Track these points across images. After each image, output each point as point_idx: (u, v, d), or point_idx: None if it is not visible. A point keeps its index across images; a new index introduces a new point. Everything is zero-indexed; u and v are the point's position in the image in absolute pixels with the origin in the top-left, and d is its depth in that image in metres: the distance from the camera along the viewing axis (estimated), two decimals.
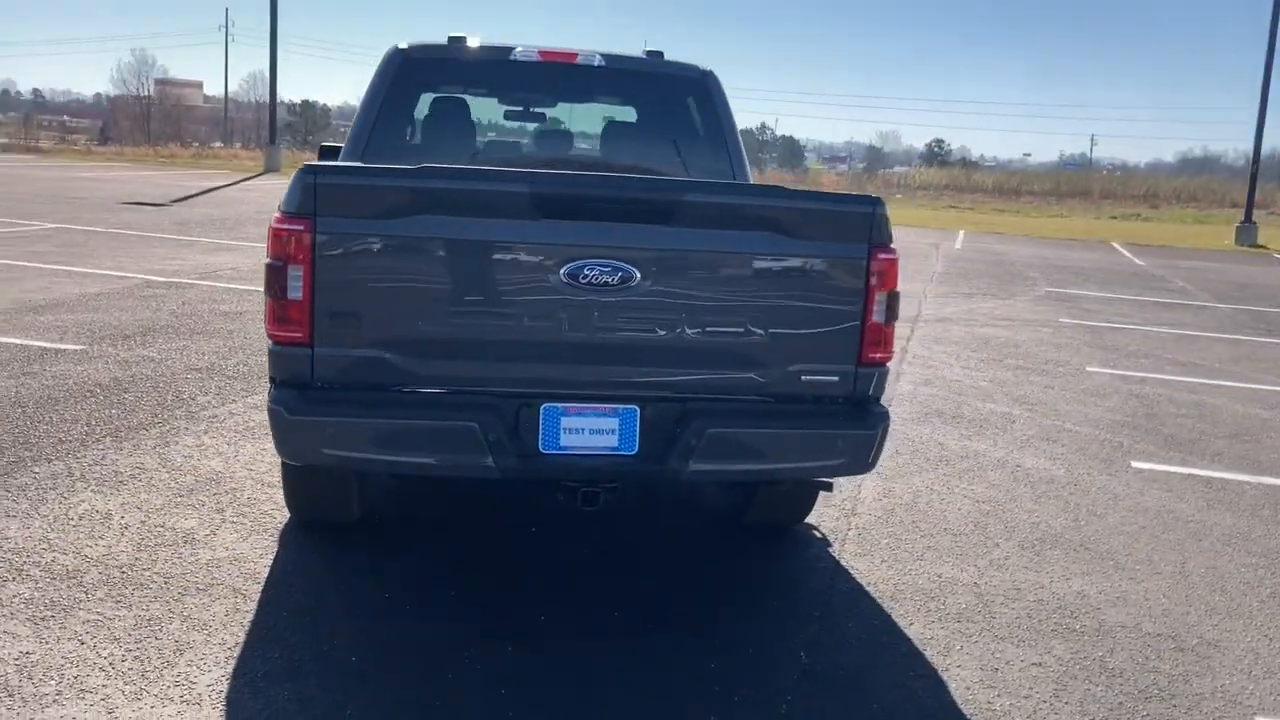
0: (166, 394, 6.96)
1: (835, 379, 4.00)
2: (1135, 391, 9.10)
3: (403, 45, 5.52)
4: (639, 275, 3.76)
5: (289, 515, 4.85)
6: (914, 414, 7.78)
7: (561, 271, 3.73)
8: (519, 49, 5.56)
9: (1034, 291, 16.11)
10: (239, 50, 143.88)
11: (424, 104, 5.63)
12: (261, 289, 3.91)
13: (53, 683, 3.42)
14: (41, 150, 48.64)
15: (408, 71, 5.50)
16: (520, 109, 6.06)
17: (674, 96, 5.78)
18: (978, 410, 8.02)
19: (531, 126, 6.03)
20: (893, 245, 3.98)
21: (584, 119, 6.07)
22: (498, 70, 5.70)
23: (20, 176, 28.68)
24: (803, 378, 3.97)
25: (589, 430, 3.92)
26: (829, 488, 4.73)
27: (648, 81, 5.80)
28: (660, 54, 5.80)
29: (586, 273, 3.73)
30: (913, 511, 5.61)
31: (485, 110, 5.90)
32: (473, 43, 5.63)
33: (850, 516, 5.44)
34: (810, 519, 5.23)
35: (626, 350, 3.88)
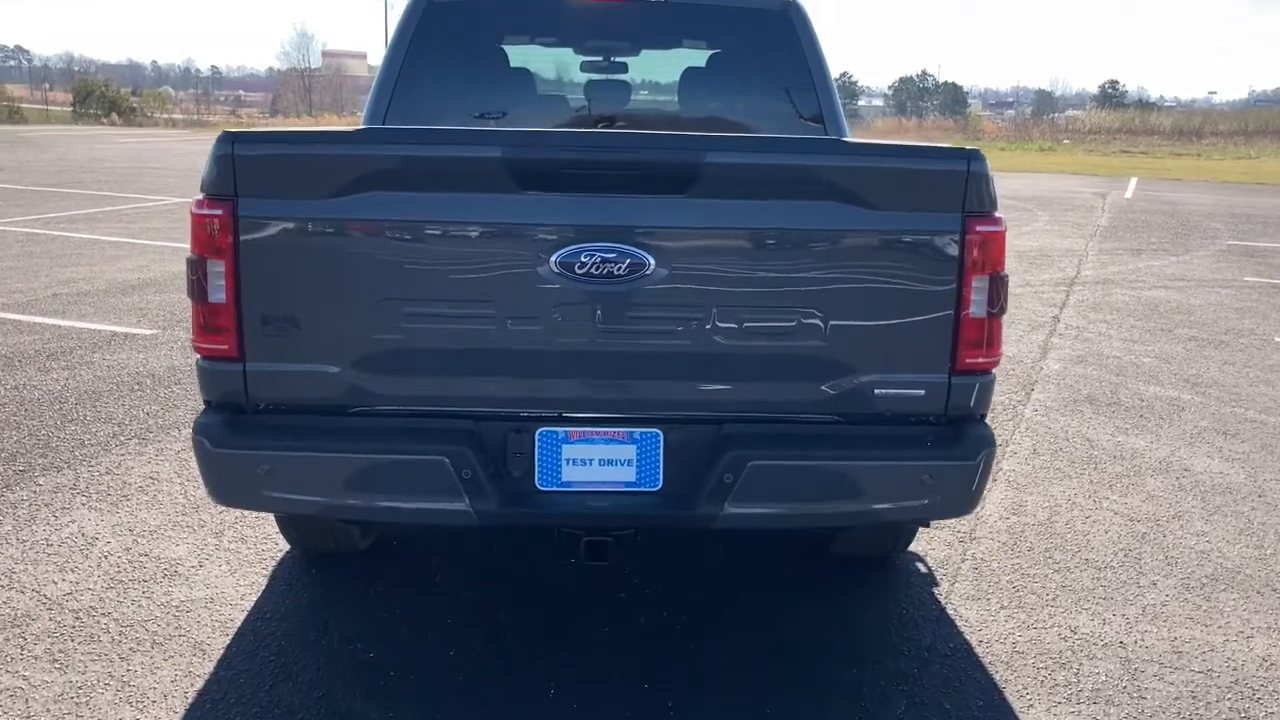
0: None
1: (921, 392, 3.03)
2: None
3: None
4: (654, 262, 2.88)
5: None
6: (1061, 401, 6.63)
7: (553, 260, 2.88)
8: None
9: (1214, 245, 14.37)
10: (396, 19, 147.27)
11: (453, 56, 4.81)
12: None
13: None
14: (206, 125, 50.26)
15: (434, 18, 4.70)
16: (568, 56, 5.18)
17: (750, 34, 4.81)
18: (1139, 395, 6.80)
19: (582, 77, 5.14)
20: (997, 214, 2.97)
21: (644, 65, 5.15)
22: (538, 12, 4.85)
23: (167, 150, 29.38)
24: (877, 391, 3.02)
25: (598, 460, 3.07)
26: (926, 523, 3.77)
27: (718, 17, 4.84)
28: None
29: (584, 260, 2.87)
30: (1047, 534, 4.56)
31: (528, 60, 5.04)
32: None
33: (966, 542, 4.43)
34: (916, 545, 4.26)
35: (642, 359, 3.00)
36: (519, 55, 4.97)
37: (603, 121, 4.85)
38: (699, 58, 4.98)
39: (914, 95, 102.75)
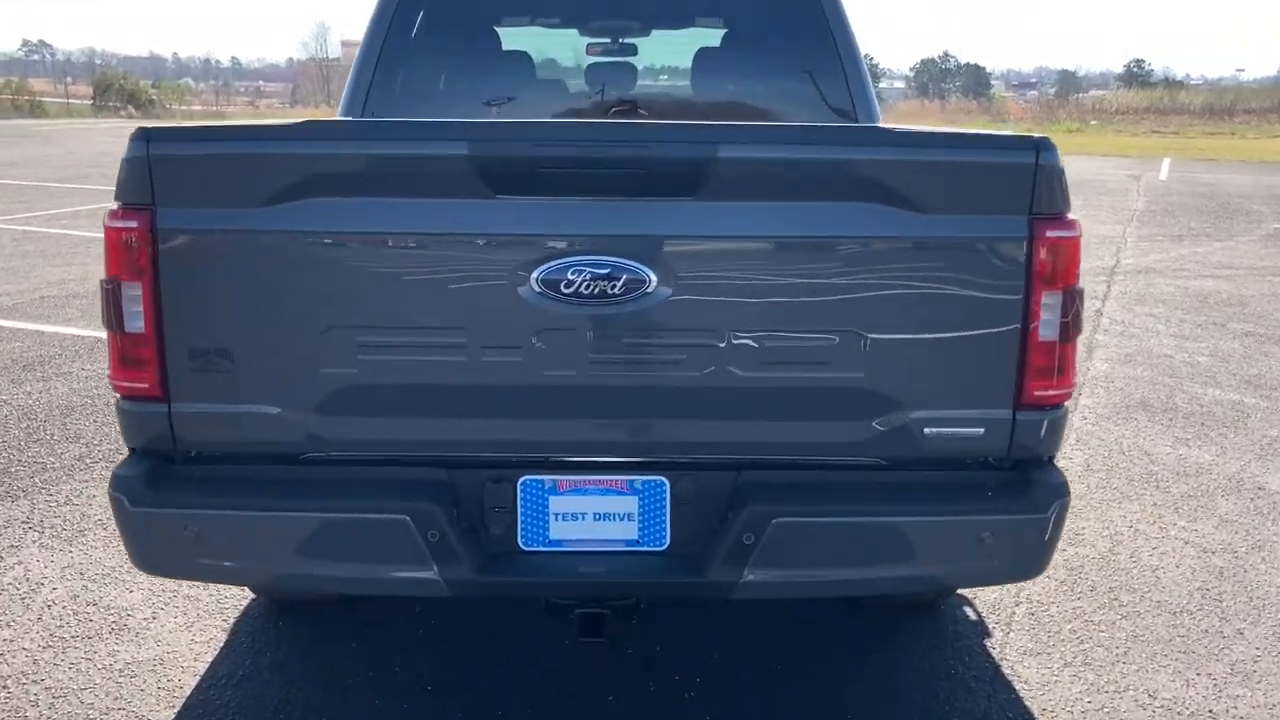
0: None
1: (979, 430, 2.53)
2: None
3: None
4: (656, 279, 2.39)
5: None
6: (1112, 407, 6.09)
7: (534, 277, 2.38)
8: None
9: (1260, 230, 13.73)
10: None
11: (442, 37, 4.32)
12: None
13: None
14: (224, 116, 50.12)
15: None
16: (571, 37, 4.67)
17: (771, 10, 4.30)
18: (1197, 399, 6.25)
19: (585, 60, 4.64)
20: (1070, 215, 2.46)
21: (654, 46, 4.64)
22: None
23: None
24: (926, 430, 2.51)
25: (593, 515, 2.58)
26: None
27: None
28: None
29: (572, 278, 2.38)
30: (1109, 570, 4.04)
31: (524, 41, 4.54)
32: None
33: (1019, 584, 3.92)
34: (963, 589, 3.76)
35: (643, 394, 2.51)
36: (514, 35, 4.47)
37: (610, 109, 4.35)
38: (714, 37, 4.47)
39: (935, 77, 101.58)
